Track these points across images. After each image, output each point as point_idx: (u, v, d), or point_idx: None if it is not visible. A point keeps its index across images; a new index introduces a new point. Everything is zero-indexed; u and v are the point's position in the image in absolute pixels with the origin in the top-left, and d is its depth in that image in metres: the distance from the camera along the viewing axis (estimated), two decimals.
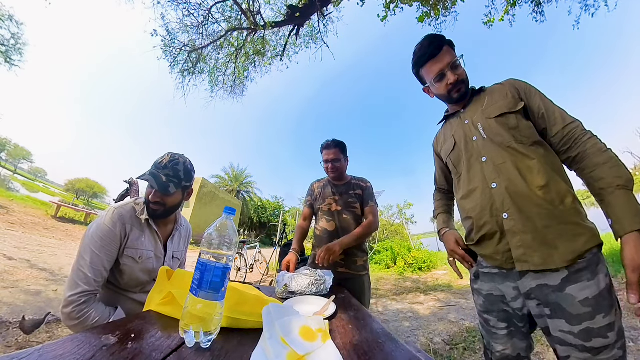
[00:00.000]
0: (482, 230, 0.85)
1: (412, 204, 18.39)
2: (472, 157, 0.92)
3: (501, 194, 0.80)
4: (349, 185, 1.68)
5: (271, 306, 0.64)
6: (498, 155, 0.84)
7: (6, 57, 11.49)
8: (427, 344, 2.37)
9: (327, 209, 1.64)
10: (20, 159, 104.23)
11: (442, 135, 1.11)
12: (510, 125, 0.85)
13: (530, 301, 0.76)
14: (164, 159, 1.08)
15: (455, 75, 0.94)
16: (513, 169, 0.80)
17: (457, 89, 0.95)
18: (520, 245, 0.75)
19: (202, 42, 5.14)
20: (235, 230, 0.61)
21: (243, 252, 5.84)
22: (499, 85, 0.96)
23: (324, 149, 1.67)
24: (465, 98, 0.99)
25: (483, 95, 0.97)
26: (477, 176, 0.89)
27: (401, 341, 0.62)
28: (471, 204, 0.89)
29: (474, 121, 0.93)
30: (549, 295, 0.71)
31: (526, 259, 0.74)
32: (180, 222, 1.25)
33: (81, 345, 0.49)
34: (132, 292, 1.06)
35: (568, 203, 0.74)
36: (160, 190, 1.02)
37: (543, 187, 0.75)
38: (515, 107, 0.86)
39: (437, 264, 7.55)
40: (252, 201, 28.21)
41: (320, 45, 5.66)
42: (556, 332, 0.69)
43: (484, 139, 0.89)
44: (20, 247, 4.53)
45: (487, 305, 0.88)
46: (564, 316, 0.68)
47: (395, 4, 4.02)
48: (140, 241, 1.05)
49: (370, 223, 1.55)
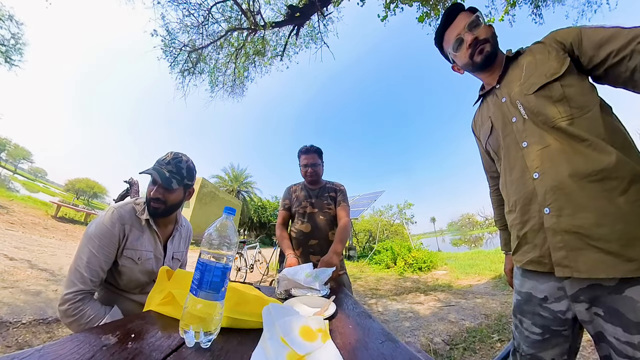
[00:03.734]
0: (525, 226, 0.74)
1: (412, 204, 18.40)
2: (511, 142, 0.79)
3: (543, 186, 0.68)
4: (324, 189, 1.75)
5: (271, 306, 0.64)
6: (541, 139, 0.70)
7: (6, 57, 11.50)
8: (427, 344, 2.37)
9: (303, 211, 1.68)
10: (20, 159, 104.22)
11: (479, 116, 0.97)
12: (555, 97, 0.69)
13: (577, 304, 0.64)
14: (167, 156, 1.08)
15: (472, 35, 0.81)
16: (558, 154, 0.66)
17: (479, 49, 0.81)
18: (562, 247, 0.64)
19: (202, 42, 5.14)
20: (235, 230, 0.61)
21: (243, 252, 5.84)
22: (539, 45, 0.78)
23: (302, 153, 1.73)
24: (492, 61, 0.84)
25: (521, 62, 0.80)
26: (517, 164, 0.76)
27: (401, 341, 0.61)
28: (514, 197, 0.78)
29: (512, 98, 0.78)
30: (602, 297, 0.59)
31: (567, 264, 0.62)
32: (180, 223, 1.24)
33: (81, 345, 0.49)
34: (131, 293, 1.06)
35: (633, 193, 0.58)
36: (163, 184, 1.01)
37: (598, 172, 0.61)
38: (559, 70, 0.69)
39: (437, 264, 7.55)
40: (252, 201, 28.20)
41: (320, 45, 5.67)
42: (611, 337, 0.58)
43: (524, 120, 0.74)
44: (20, 247, 4.52)
45: (522, 306, 0.78)
46: (620, 323, 0.55)
47: (395, 4, 4.02)
48: (140, 242, 1.04)
49: (346, 224, 1.61)
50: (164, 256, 1.14)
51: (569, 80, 0.69)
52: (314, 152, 1.71)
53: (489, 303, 3.59)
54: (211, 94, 6.08)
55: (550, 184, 0.66)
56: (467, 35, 0.82)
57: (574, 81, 0.69)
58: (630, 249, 0.55)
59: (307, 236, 1.63)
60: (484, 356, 2.09)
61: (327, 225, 1.65)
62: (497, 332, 2.52)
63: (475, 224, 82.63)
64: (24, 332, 2.00)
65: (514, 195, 0.78)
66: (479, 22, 0.82)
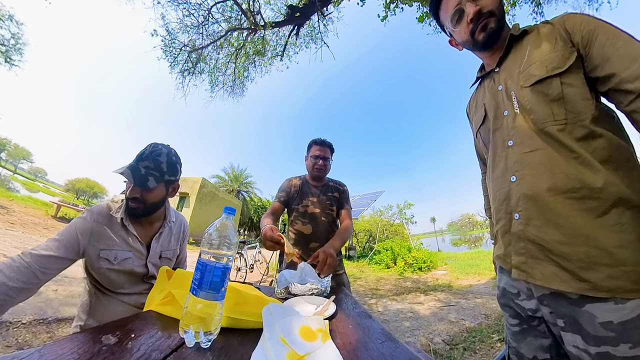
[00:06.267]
0: (497, 225, 0.74)
1: (412, 204, 18.39)
2: (499, 137, 0.73)
3: (517, 192, 0.65)
4: (327, 187, 1.67)
5: (271, 306, 0.64)
6: (527, 141, 0.64)
7: (6, 57, 11.50)
8: (427, 344, 2.37)
9: (304, 210, 1.58)
10: (20, 159, 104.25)
11: (474, 101, 0.89)
12: (552, 95, 0.61)
13: (543, 307, 0.63)
14: (146, 149, 0.98)
15: (476, 6, 0.69)
16: (541, 164, 0.61)
17: (482, 24, 0.70)
18: (523, 253, 0.63)
19: (202, 42, 5.14)
20: (235, 230, 0.61)
21: (243, 252, 5.84)
22: (548, 27, 0.67)
23: (316, 144, 1.63)
24: (496, 39, 0.73)
25: (525, 44, 0.70)
26: (500, 163, 0.72)
27: (401, 341, 0.61)
28: (493, 193, 0.75)
29: (508, 88, 0.70)
30: (563, 307, 0.58)
31: (525, 269, 0.62)
32: (169, 219, 1.15)
33: (81, 345, 0.49)
34: (118, 293, 1.01)
35: (612, 217, 0.53)
36: (137, 184, 0.93)
37: (577, 190, 0.56)
38: (562, 65, 0.61)
39: (437, 264, 7.55)
40: (252, 201, 28.21)
41: (320, 45, 5.67)
42: (570, 346, 0.57)
43: (515, 115, 0.67)
44: (21, 247, 4.52)
45: (500, 299, 0.78)
46: (580, 332, 0.55)
47: (395, 4, 4.02)
48: (114, 242, 0.97)
49: (348, 226, 1.58)
50: (147, 255, 1.06)
51: (571, 79, 0.61)
52: (327, 147, 1.64)
53: (489, 303, 3.60)
54: (211, 94, 6.09)
55: (525, 192, 0.63)
56: (468, 6, 0.70)
57: (576, 81, 0.61)
58: (586, 271, 0.54)
59: (308, 238, 1.56)
60: (484, 356, 2.09)
61: (329, 227, 1.59)
62: (497, 332, 2.52)
63: (475, 224, 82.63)
64: (24, 332, 2.00)
65: (493, 192, 0.76)
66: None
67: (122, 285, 1.01)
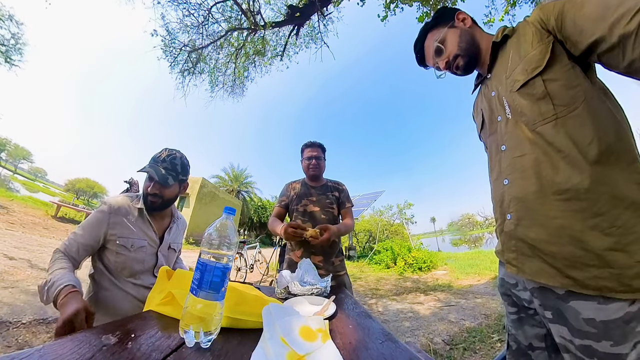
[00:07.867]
0: (495, 223, 0.79)
1: (412, 204, 18.40)
2: (493, 142, 0.77)
3: (509, 194, 0.69)
4: (326, 187, 1.72)
5: (271, 306, 0.64)
6: (518, 145, 0.67)
7: (6, 57, 11.50)
8: (427, 344, 2.37)
9: (303, 209, 1.62)
10: (20, 159, 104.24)
11: (476, 106, 0.94)
12: (537, 95, 0.62)
13: (534, 299, 0.67)
14: (162, 153, 1.15)
15: (442, 60, 0.84)
16: (529, 167, 0.63)
17: (454, 67, 0.84)
18: (514, 250, 0.67)
19: (202, 42, 5.14)
20: (235, 230, 0.61)
21: (243, 252, 5.84)
22: (524, 25, 0.69)
23: (306, 147, 1.73)
24: (475, 61, 0.82)
25: (507, 49, 0.72)
26: (495, 167, 0.76)
27: (401, 341, 0.62)
28: (492, 195, 0.81)
29: (499, 94, 0.73)
30: (551, 300, 0.61)
31: (516, 264, 0.67)
32: (176, 216, 1.32)
33: (81, 345, 0.49)
34: (124, 280, 1.07)
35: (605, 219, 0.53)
36: (160, 181, 1.08)
37: (564, 192, 0.57)
38: (541, 63, 0.62)
39: (437, 264, 7.55)
40: (252, 201, 28.20)
41: (320, 45, 5.67)
42: (557, 337, 0.61)
43: (507, 120, 0.70)
44: (20, 247, 4.52)
45: (500, 288, 0.83)
46: (566, 325, 0.58)
47: (395, 4, 4.02)
48: (132, 230, 1.09)
49: (349, 224, 1.63)
50: (159, 245, 1.18)
51: (553, 73, 0.61)
52: (317, 147, 1.72)
53: (489, 303, 3.60)
54: (211, 94, 6.09)
55: (515, 195, 0.67)
56: (439, 62, 0.85)
57: (558, 73, 0.61)
58: (570, 270, 0.56)
59: None
60: (484, 356, 2.09)
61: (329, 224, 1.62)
62: (497, 332, 2.52)
63: (475, 224, 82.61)
64: (24, 332, 2.01)
65: (492, 193, 0.82)
66: (442, 41, 0.83)
67: (133, 274, 1.09)
